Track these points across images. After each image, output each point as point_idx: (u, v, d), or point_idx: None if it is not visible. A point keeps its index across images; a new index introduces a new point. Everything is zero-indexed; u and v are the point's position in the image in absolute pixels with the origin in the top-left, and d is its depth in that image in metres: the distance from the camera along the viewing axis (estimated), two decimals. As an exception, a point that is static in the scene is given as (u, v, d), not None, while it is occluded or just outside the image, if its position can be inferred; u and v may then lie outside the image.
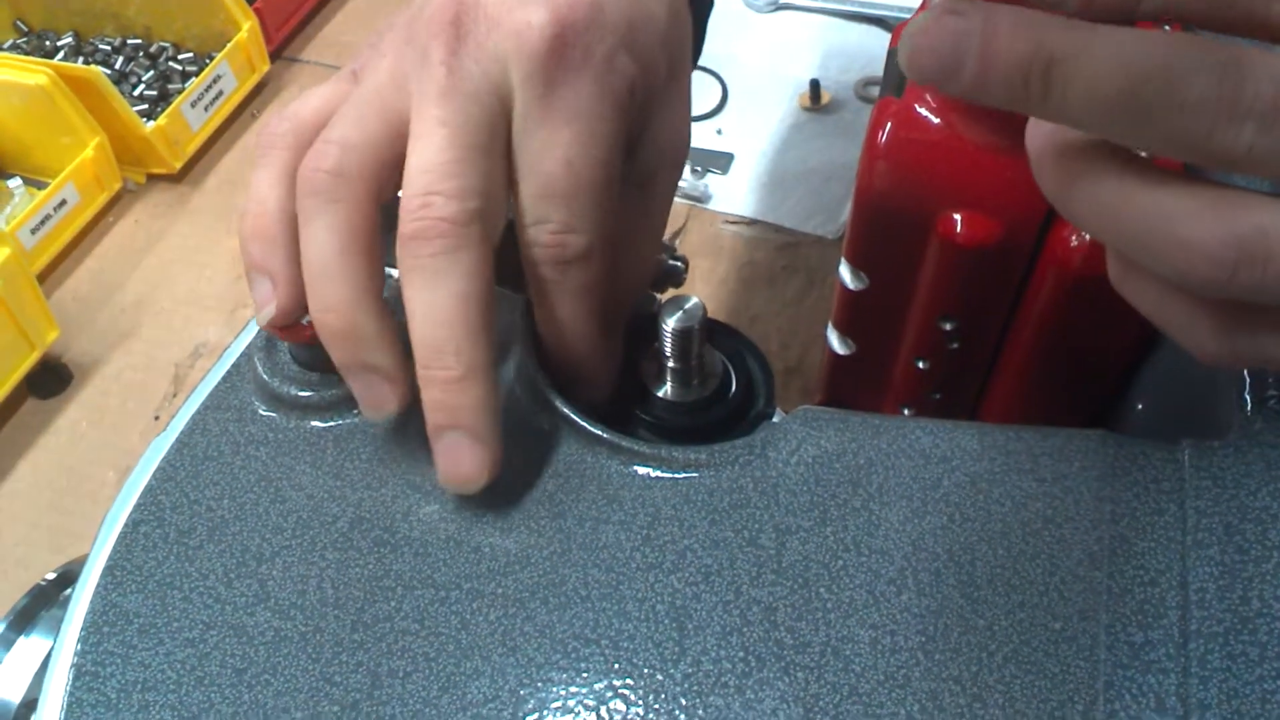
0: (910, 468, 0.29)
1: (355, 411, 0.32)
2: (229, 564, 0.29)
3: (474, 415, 0.27)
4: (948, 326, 0.41)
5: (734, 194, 0.73)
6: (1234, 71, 0.19)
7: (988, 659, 0.25)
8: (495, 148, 0.28)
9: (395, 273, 0.30)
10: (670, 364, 0.34)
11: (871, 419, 0.30)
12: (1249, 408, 0.28)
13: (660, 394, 0.34)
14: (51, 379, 0.63)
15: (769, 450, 0.30)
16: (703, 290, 0.67)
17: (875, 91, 0.82)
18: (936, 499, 0.28)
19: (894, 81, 0.40)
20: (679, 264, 0.47)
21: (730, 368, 0.36)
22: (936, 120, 0.37)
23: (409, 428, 0.32)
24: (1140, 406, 0.38)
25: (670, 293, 0.37)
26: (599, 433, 0.31)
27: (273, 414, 0.32)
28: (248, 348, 0.34)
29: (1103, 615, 0.25)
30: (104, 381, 0.65)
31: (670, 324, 0.32)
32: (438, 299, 0.27)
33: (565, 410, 0.31)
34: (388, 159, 0.29)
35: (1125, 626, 0.25)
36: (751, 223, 0.71)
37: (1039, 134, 0.24)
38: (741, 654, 0.26)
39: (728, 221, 0.71)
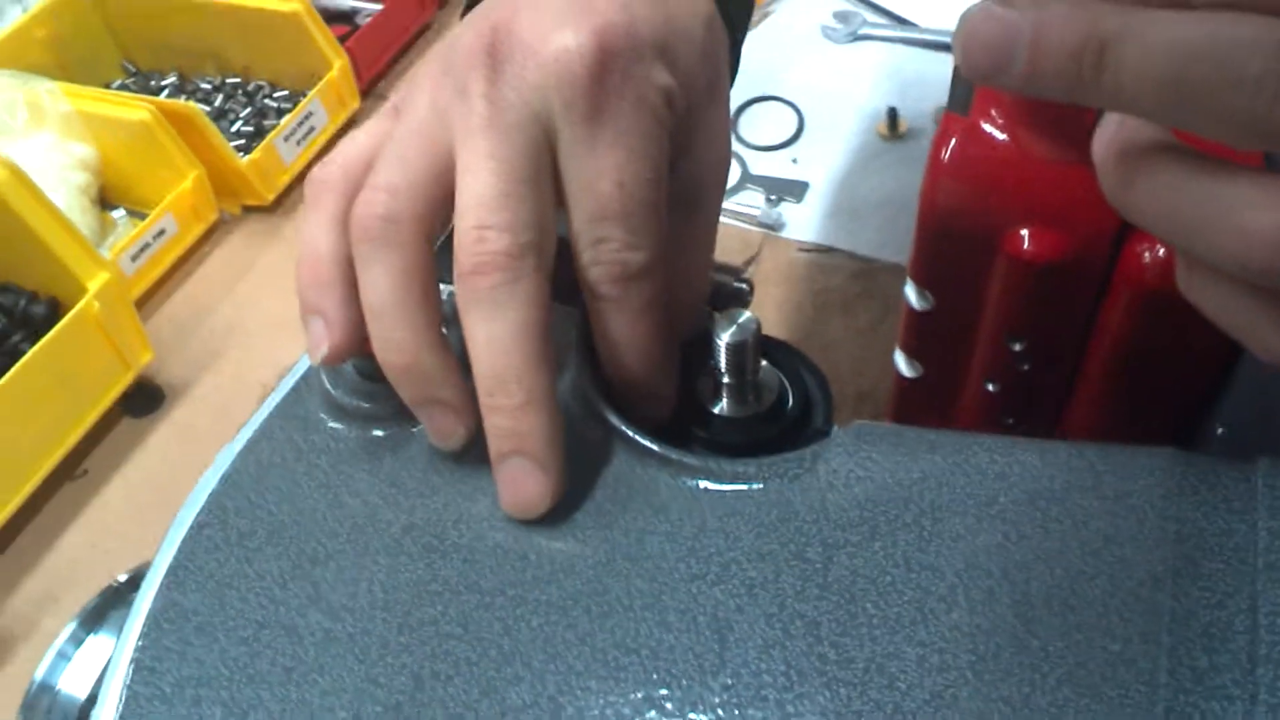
0: (965, 484, 0.28)
1: (414, 422, 0.33)
2: (284, 566, 0.30)
3: (537, 441, 0.28)
4: (1017, 347, 0.40)
5: (808, 221, 0.72)
6: None
7: (1040, 680, 0.24)
8: (542, 176, 0.29)
9: (446, 288, 0.31)
10: (725, 379, 0.34)
11: (927, 434, 0.29)
12: (1330, 426, 0.27)
13: (716, 410, 0.34)
14: (145, 399, 0.66)
15: (819, 464, 0.29)
16: (775, 317, 0.67)
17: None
18: (992, 515, 0.27)
19: (960, 100, 0.40)
20: (744, 286, 0.47)
21: (787, 385, 0.35)
22: (1002, 136, 0.37)
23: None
24: (1221, 431, 0.36)
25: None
26: (649, 445, 0.31)
27: (336, 424, 0.33)
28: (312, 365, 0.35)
29: (1165, 638, 0.24)
30: (194, 402, 0.68)
31: (724, 338, 0.32)
32: (497, 330, 0.28)
33: (616, 423, 0.31)
34: (436, 196, 0.30)
35: (1189, 650, 0.24)
36: (826, 250, 0.71)
37: (1102, 139, 0.24)
38: (783, 668, 0.25)
39: (802, 249, 0.71)
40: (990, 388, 0.42)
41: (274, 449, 0.33)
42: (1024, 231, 0.37)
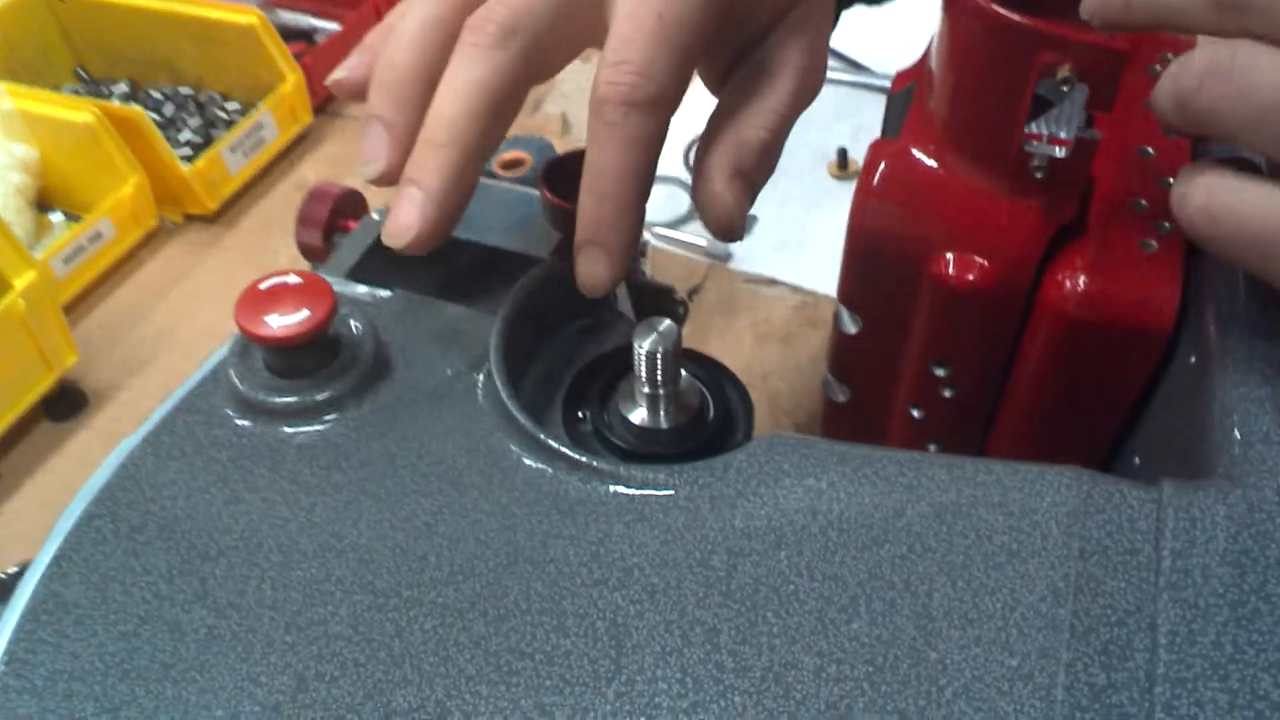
0: (872, 495, 0.27)
1: (321, 419, 0.32)
2: (173, 561, 0.28)
3: (435, 178, 0.30)
4: (941, 373, 0.40)
5: (755, 254, 0.73)
6: None
7: (937, 694, 0.23)
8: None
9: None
10: (644, 389, 0.33)
11: (838, 446, 0.29)
12: (1236, 447, 0.27)
13: (635, 420, 0.33)
14: (66, 403, 0.64)
15: (730, 473, 0.29)
16: (717, 346, 0.67)
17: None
18: (898, 528, 0.27)
19: (893, 124, 0.40)
20: (679, 309, 0.46)
21: (709, 397, 0.35)
22: (931, 161, 0.37)
23: (370, 439, 0.31)
24: (1137, 461, 0.36)
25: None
26: (559, 448, 0.30)
27: (241, 420, 0.32)
28: (224, 355, 0.34)
29: (1064, 653, 0.23)
30: (118, 408, 0.66)
31: (643, 346, 0.32)
32: (460, 82, 0.30)
33: (528, 426, 0.30)
34: (561, 28, 0.31)
35: (1087, 667, 0.23)
36: (770, 282, 0.71)
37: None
38: (679, 675, 0.24)
39: (747, 280, 0.71)
40: (915, 413, 0.41)
41: (174, 442, 0.32)
42: (949, 256, 0.37)
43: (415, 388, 0.33)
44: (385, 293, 0.38)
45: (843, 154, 0.78)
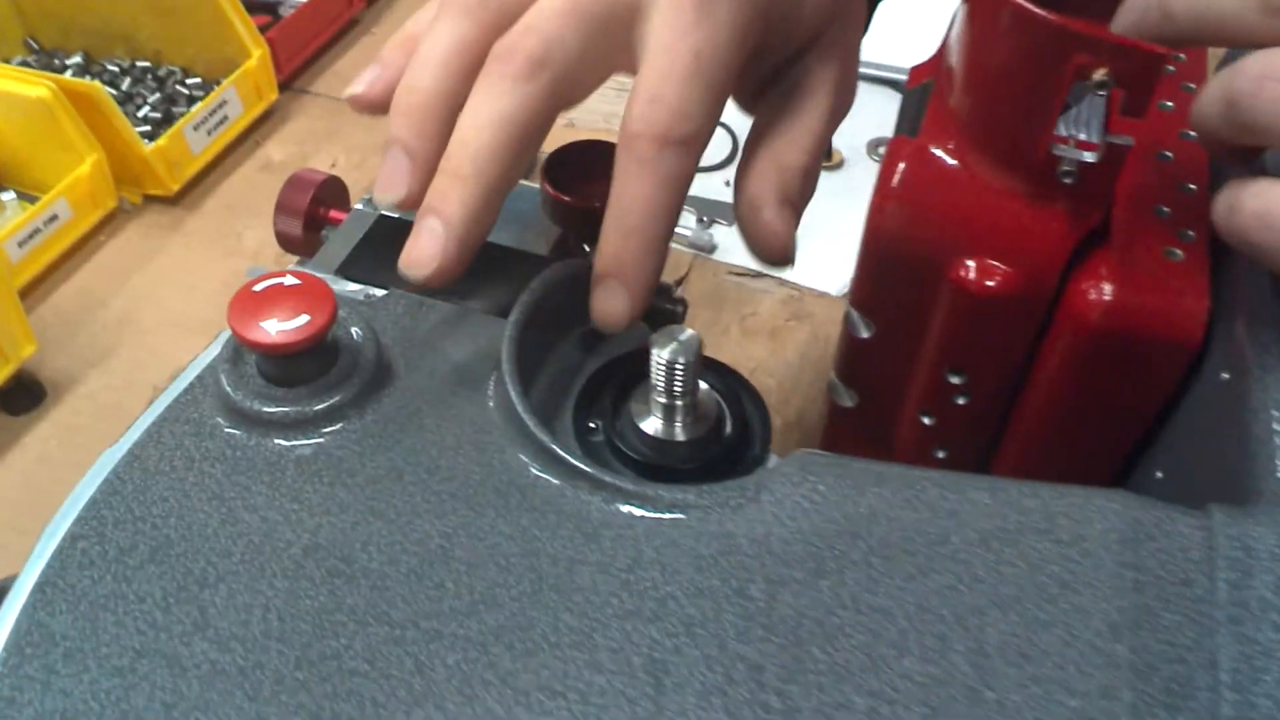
0: (915, 520, 0.26)
1: (321, 431, 0.30)
2: (168, 587, 0.26)
3: (457, 210, 0.29)
4: (956, 380, 0.39)
5: (740, 245, 0.71)
6: None
7: (996, 736, 0.22)
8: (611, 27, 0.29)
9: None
10: (660, 399, 0.32)
11: (874, 466, 0.28)
12: (1285, 473, 0.26)
13: (649, 430, 0.32)
14: (24, 395, 0.61)
15: (763, 494, 0.27)
16: (704, 341, 0.65)
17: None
18: (944, 556, 0.25)
19: (909, 121, 0.39)
20: (676, 307, 0.45)
21: (725, 408, 0.33)
22: (952, 161, 0.36)
23: (375, 452, 0.29)
24: (1160, 475, 0.36)
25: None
26: (580, 466, 0.28)
27: (234, 430, 0.30)
28: (213, 359, 0.32)
29: (1125, 694, 0.23)
30: (78, 400, 0.63)
31: (662, 355, 0.30)
32: (485, 112, 0.29)
33: (544, 441, 0.29)
34: (590, 55, 0.30)
35: (1151, 707, 0.22)
36: (756, 275, 0.69)
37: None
38: (724, 717, 0.23)
39: (732, 272, 0.70)
40: (926, 420, 0.41)
41: (163, 455, 0.30)
42: (970, 261, 0.36)
43: (420, 396, 0.32)
44: (379, 291, 0.36)
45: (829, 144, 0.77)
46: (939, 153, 0.36)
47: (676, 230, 0.56)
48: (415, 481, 0.29)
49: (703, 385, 0.33)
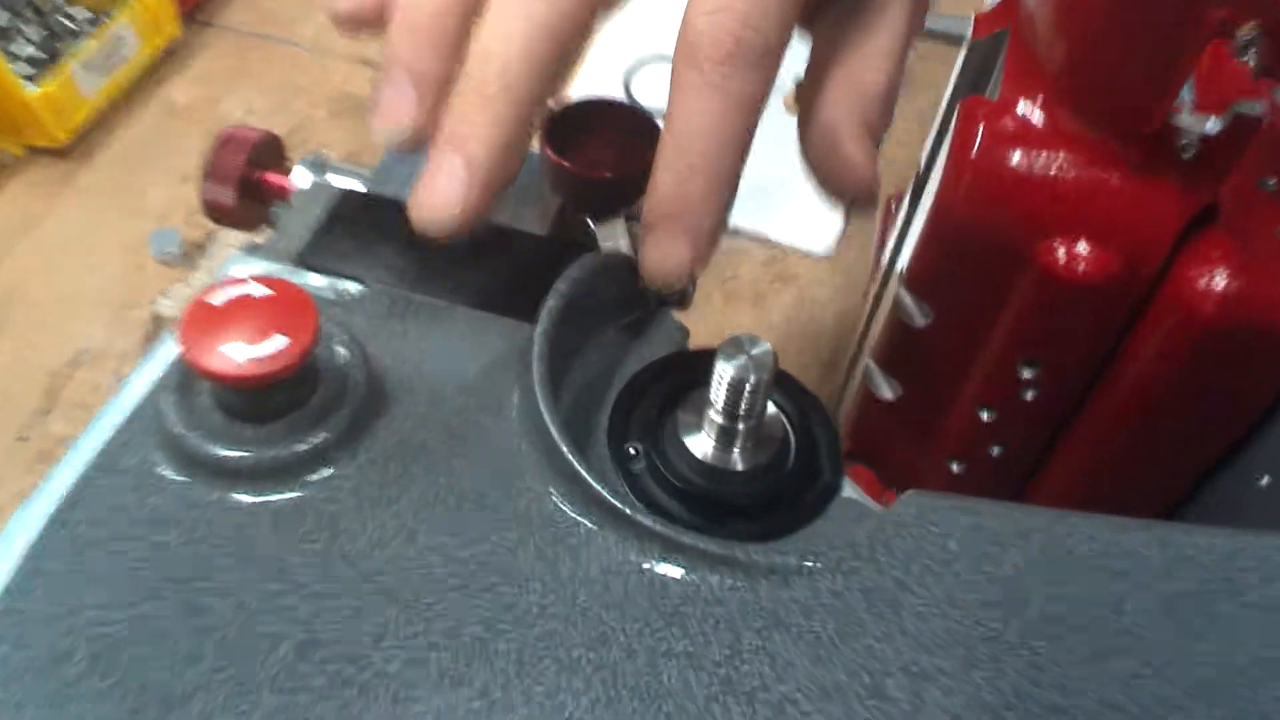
0: (1076, 583, 0.21)
1: (303, 480, 0.24)
2: (121, 712, 0.20)
3: (480, 145, 0.24)
4: (1027, 374, 0.34)
5: (712, 200, 0.65)
6: None
7: None
8: None
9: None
10: (718, 419, 0.26)
11: (1008, 511, 0.23)
12: None
13: (700, 453, 0.26)
14: (-107, 389, 0.52)
15: (878, 553, 0.22)
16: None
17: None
18: (1120, 631, 0.21)
19: (973, 77, 0.33)
20: (687, 285, 0.39)
21: (789, 427, 0.28)
22: (1042, 126, 0.31)
23: (374, 506, 0.23)
24: (1266, 481, 0.31)
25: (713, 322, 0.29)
26: (640, 519, 0.23)
27: (187, 480, 0.24)
28: (155, 387, 0.25)
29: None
30: (-39, 392, 0.54)
31: (728, 371, 0.25)
32: (514, 19, 0.24)
33: (597, 489, 0.23)
34: None
35: None
36: (734, 233, 0.64)
37: None
38: None
39: (707, 230, 0.64)
40: (984, 415, 0.36)
41: (95, 519, 0.23)
42: (1059, 243, 0.30)
43: (423, 425, 0.25)
44: (354, 286, 0.30)
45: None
46: (1025, 116, 0.31)
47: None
48: (433, 546, 0.23)
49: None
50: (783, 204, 0.65)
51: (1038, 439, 0.37)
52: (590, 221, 0.36)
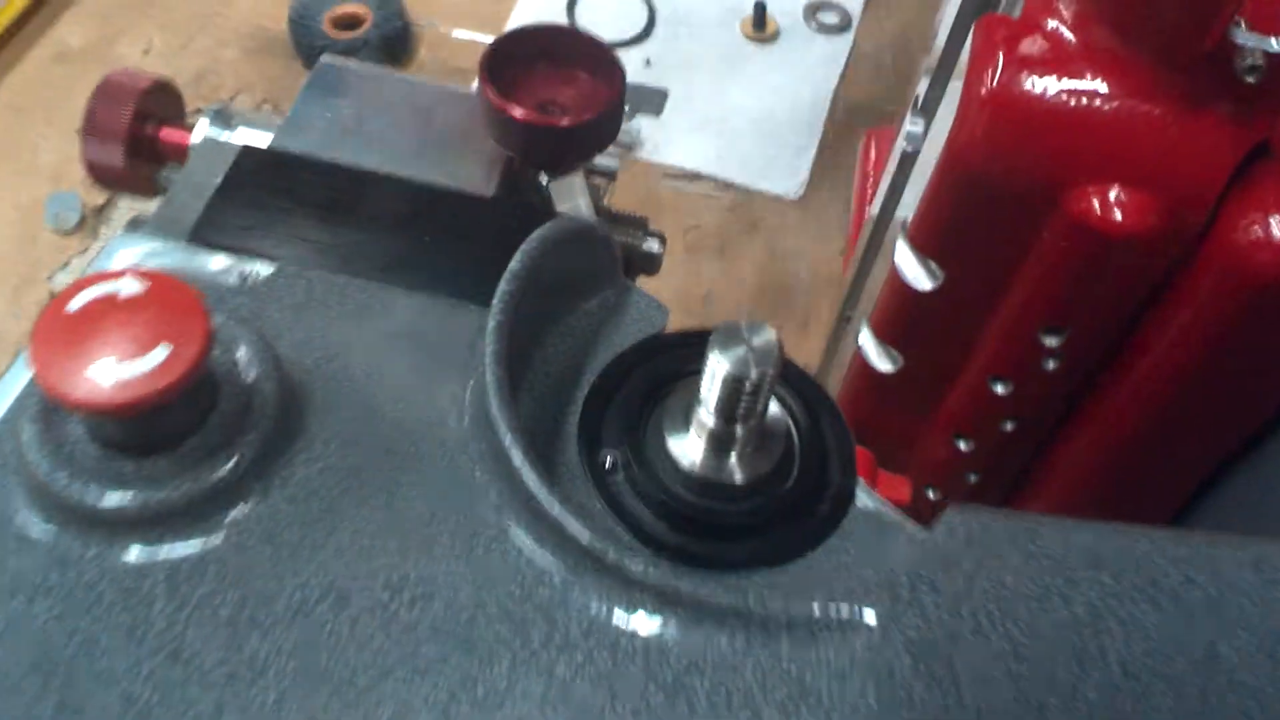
0: (1160, 622, 0.18)
1: (204, 526, 0.19)
2: None
3: None
4: (1051, 341, 0.30)
5: (671, 140, 0.60)
6: None
7: None
8: None
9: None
10: (711, 422, 0.22)
11: (1073, 531, 0.19)
12: None
13: (688, 463, 0.22)
14: None
15: (922, 593, 0.18)
16: (640, 260, 0.55)
17: (831, 19, 0.69)
18: (1216, 673, 0.17)
19: (985, -5, 0.29)
20: (653, 244, 0.35)
21: (795, 430, 0.24)
22: (1073, 41, 0.26)
23: (295, 557, 0.19)
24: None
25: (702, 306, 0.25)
26: (636, 570, 0.18)
27: (56, 531, 0.19)
28: (9, 414, 0.20)
29: None
30: None
31: (724, 365, 0.20)
32: None
33: (567, 521, 0.19)
34: None
35: None
36: (695, 177, 0.59)
37: None
38: None
39: (667, 175, 0.59)
40: (999, 389, 0.32)
41: (-61, 588, 0.18)
42: (1096, 190, 0.26)
43: (354, 448, 0.21)
44: (264, 267, 0.25)
45: (760, 10, 0.66)
46: (1053, 37, 0.26)
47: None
48: (370, 608, 0.18)
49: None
50: (744, 142, 0.60)
51: (1055, 412, 0.33)
52: (544, 178, 0.31)
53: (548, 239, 0.22)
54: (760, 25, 0.67)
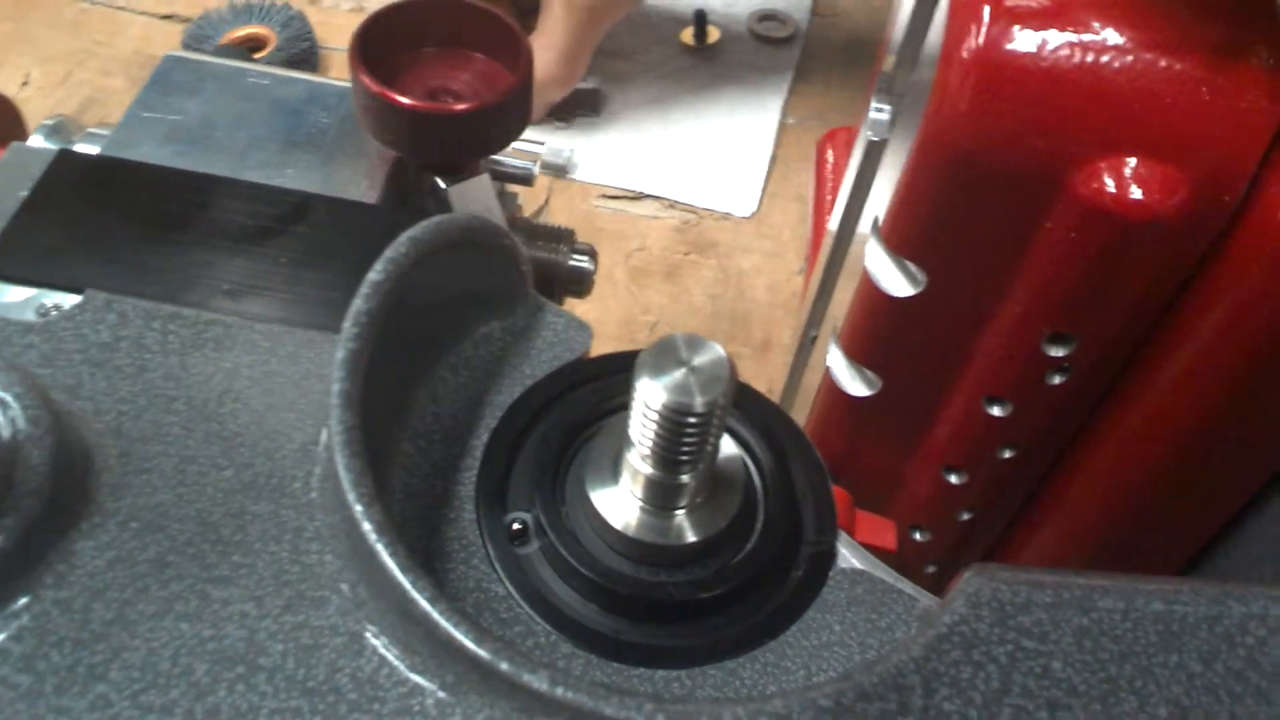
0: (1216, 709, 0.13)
1: (38, 589, 0.14)
2: None
3: None
4: (1057, 352, 0.26)
5: (609, 159, 0.56)
6: None
7: None
8: None
9: None
10: (647, 468, 0.17)
11: (1137, 593, 0.14)
12: None
13: (621, 524, 0.18)
14: None
15: (943, 698, 0.13)
16: (578, 290, 0.50)
17: (775, 29, 0.66)
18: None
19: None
20: (584, 260, 0.30)
21: (751, 466, 0.19)
22: (1080, 10, 0.22)
23: (67, 687, 0.14)
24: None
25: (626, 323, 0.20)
26: (542, 687, 0.13)
27: None
28: None
29: None
30: None
31: (657, 393, 0.16)
32: None
33: (442, 622, 0.14)
34: None
35: None
36: (637, 197, 0.54)
37: None
38: None
39: (605, 196, 0.55)
40: (995, 411, 0.28)
41: None
42: (1109, 166, 0.22)
43: (158, 530, 0.16)
44: (68, 299, 0.20)
45: (700, 19, 0.62)
46: (1046, -12, 0.22)
47: (524, 145, 0.40)
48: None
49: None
50: (688, 158, 0.55)
51: (1062, 437, 0.29)
52: (440, 181, 0.26)
53: (420, 241, 0.18)
54: (701, 36, 0.63)
